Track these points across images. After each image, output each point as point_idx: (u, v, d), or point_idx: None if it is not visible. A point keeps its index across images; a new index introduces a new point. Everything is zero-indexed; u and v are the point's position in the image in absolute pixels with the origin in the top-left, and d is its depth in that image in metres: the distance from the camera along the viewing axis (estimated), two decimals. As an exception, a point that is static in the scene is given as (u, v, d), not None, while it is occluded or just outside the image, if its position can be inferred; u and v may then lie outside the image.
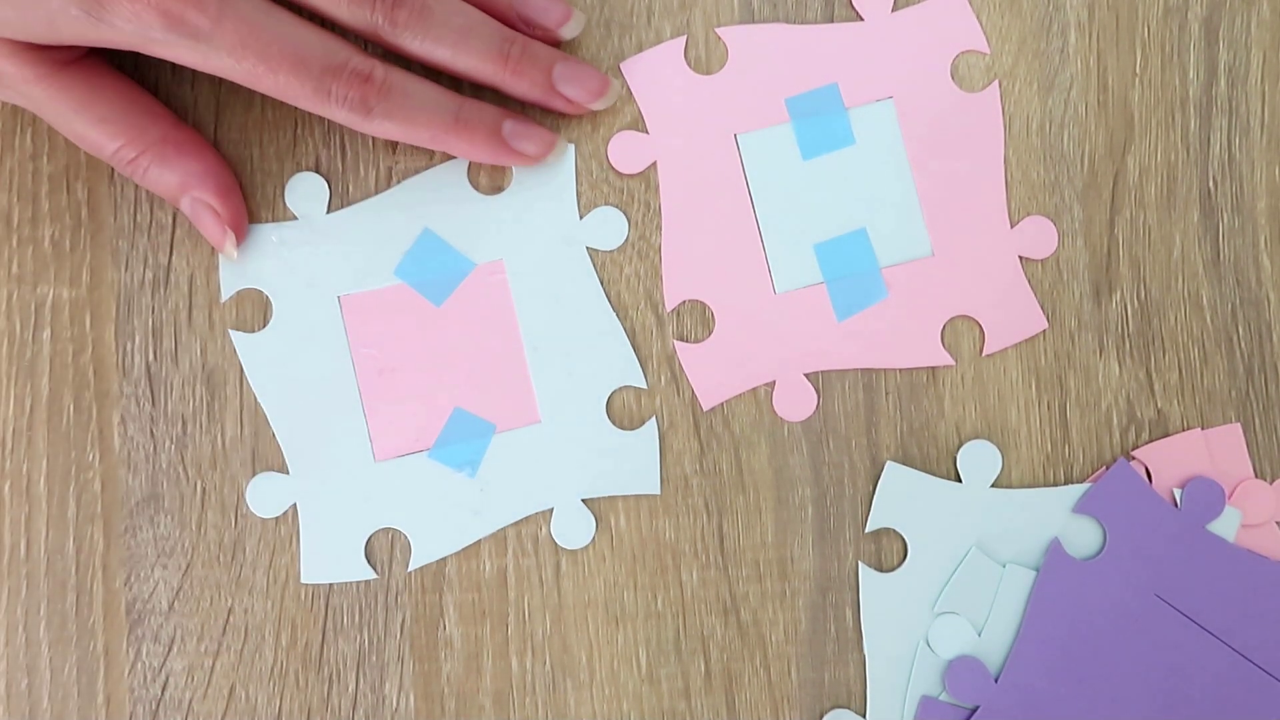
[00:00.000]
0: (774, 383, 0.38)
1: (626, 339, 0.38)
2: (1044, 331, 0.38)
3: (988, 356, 0.38)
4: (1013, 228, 0.38)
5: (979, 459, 0.38)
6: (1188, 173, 0.39)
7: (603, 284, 0.38)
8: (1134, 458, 0.38)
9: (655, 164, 0.38)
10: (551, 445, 0.37)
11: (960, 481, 0.38)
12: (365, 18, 0.34)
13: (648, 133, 0.38)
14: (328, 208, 0.38)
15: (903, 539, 0.37)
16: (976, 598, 0.37)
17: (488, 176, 0.38)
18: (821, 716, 0.37)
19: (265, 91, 0.34)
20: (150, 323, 0.38)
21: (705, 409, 0.38)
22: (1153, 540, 0.37)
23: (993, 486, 0.37)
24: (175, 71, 0.38)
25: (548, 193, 0.38)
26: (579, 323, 0.38)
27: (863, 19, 0.39)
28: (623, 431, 0.38)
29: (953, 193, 0.38)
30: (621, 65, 0.38)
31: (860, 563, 0.38)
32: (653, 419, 0.38)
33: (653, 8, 0.39)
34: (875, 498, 0.38)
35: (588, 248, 0.38)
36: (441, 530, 0.37)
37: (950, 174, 0.38)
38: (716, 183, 0.38)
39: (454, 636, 0.37)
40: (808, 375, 0.38)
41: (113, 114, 0.35)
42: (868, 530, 0.38)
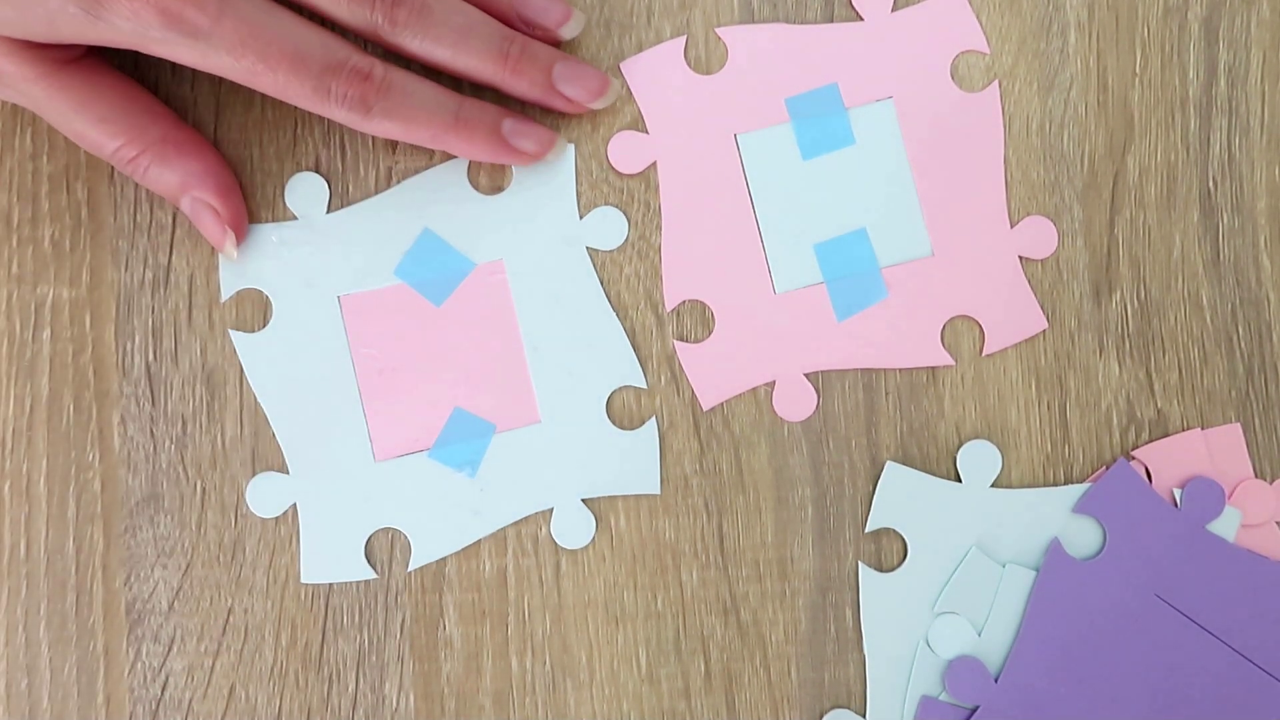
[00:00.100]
0: (774, 383, 0.38)
1: (626, 339, 0.38)
2: (1044, 331, 0.38)
3: (988, 356, 0.38)
4: (1013, 228, 0.38)
5: (979, 459, 0.38)
6: (1188, 173, 0.39)
7: (603, 284, 0.38)
8: (1134, 458, 0.38)
9: (655, 164, 0.38)
10: (551, 445, 0.37)
11: (960, 481, 0.38)
12: (365, 17, 0.34)
13: (648, 133, 0.38)
14: (328, 208, 0.38)
15: (903, 539, 0.37)
16: (976, 598, 0.37)
17: (488, 176, 0.38)
18: (821, 716, 0.37)
19: (265, 90, 0.34)
20: (150, 323, 0.38)
21: (705, 409, 0.38)
22: (1153, 540, 0.37)
23: (993, 486, 0.37)
24: (175, 71, 0.38)
25: (548, 193, 0.38)
26: (579, 323, 0.38)
27: (863, 19, 0.39)
28: (623, 431, 0.38)
29: (953, 193, 0.38)
30: (621, 65, 0.38)
31: (860, 563, 0.38)
32: (653, 419, 0.38)
33: (653, 8, 0.39)
34: (875, 498, 0.38)
35: (588, 248, 0.38)
36: (441, 530, 0.37)
37: (950, 174, 0.38)
38: (716, 183, 0.38)
39: (454, 636, 0.37)
40: (808, 375, 0.38)
41: (113, 113, 0.35)
42: (868, 530, 0.38)
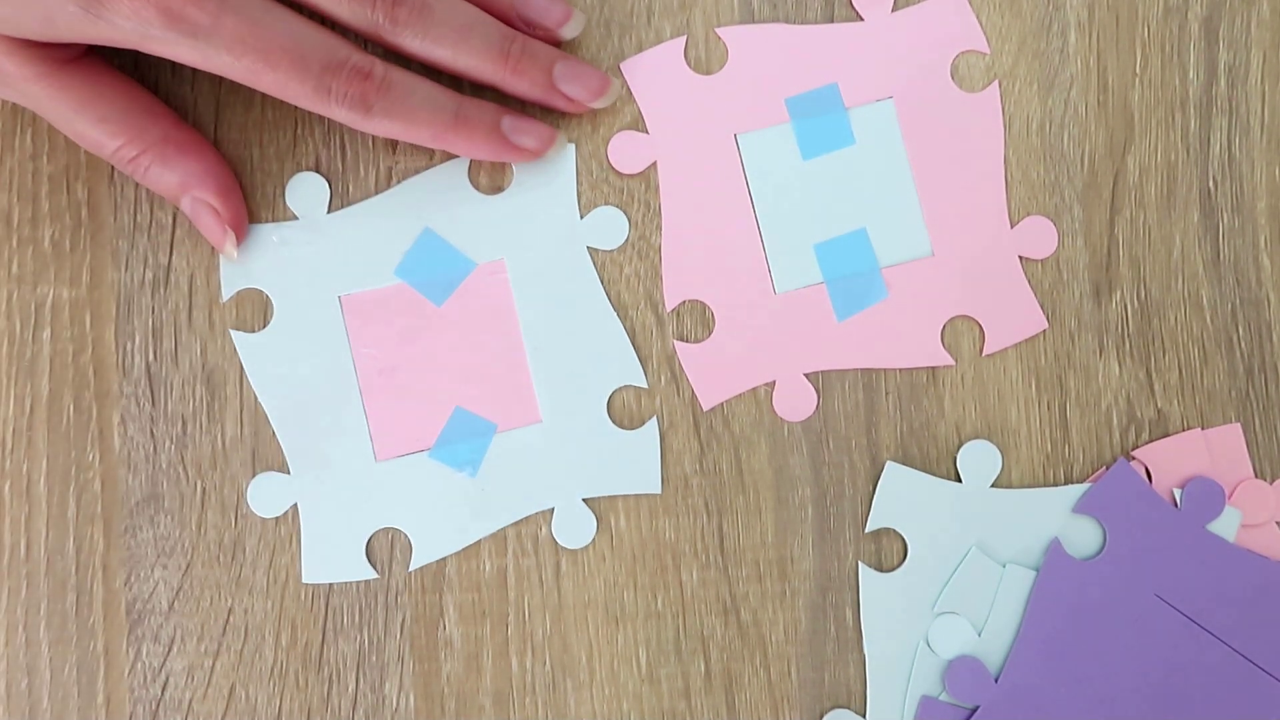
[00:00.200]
0: (774, 383, 0.38)
1: (627, 339, 0.38)
2: (1044, 331, 0.38)
3: (988, 356, 0.38)
4: (1013, 228, 0.38)
5: (979, 459, 0.38)
6: (1188, 173, 0.39)
7: (603, 284, 0.38)
8: (1134, 458, 0.38)
9: (655, 164, 0.38)
10: (552, 445, 0.37)
11: (960, 481, 0.38)
12: (366, 16, 0.34)
13: (648, 133, 0.38)
14: (328, 208, 0.38)
15: (903, 539, 0.37)
16: (976, 598, 0.37)
17: (488, 176, 0.38)
18: (821, 716, 0.37)
19: (265, 90, 0.34)
20: (150, 323, 0.38)
21: (705, 409, 0.38)
22: (1153, 540, 0.37)
23: (993, 486, 0.37)
24: (175, 71, 0.38)
25: (548, 193, 0.38)
26: (580, 322, 0.38)
27: (863, 19, 0.39)
28: (623, 431, 0.38)
29: (953, 193, 0.38)
30: (621, 65, 0.38)
31: (860, 563, 0.38)
32: (653, 419, 0.38)
33: (653, 8, 0.39)
34: (875, 498, 0.38)
35: (588, 247, 0.38)
36: (442, 530, 0.37)
37: (950, 174, 0.38)
38: (716, 183, 0.38)
39: (454, 636, 0.37)
40: (808, 375, 0.38)
41: (113, 113, 0.35)
42: (868, 530, 0.38)
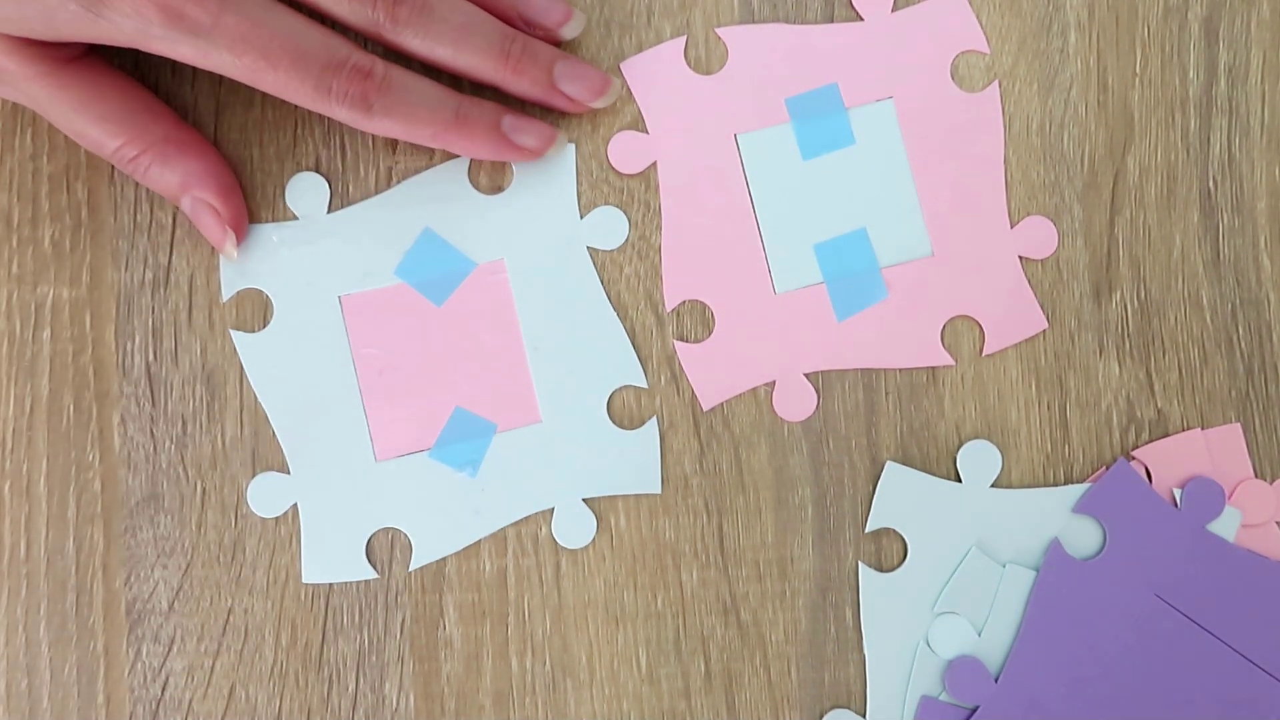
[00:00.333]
0: (774, 383, 0.38)
1: (627, 339, 0.38)
2: (1044, 331, 0.38)
3: (988, 356, 0.38)
4: (1013, 228, 0.38)
5: (979, 459, 0.38)
6: (1188, 173, 0.39)
7: (603, 284, 0.38)
8: (1134, 458, 0.38)
9: (655, 164, 0.38)
10: (552, 445, 0.37)
11: (960, 481, 0.38)
12: (366, 15, 0.34)
13: (648, 133, 0.38)
14: (328, 208, 0.38)
15: (903, 539, 0.37)
16: (976, 598, 0.37)
17: (488, 176, 0.38)
18: (821, 716, 0.37)
19: (265, 89, 0.34)
20: (150, 323, 0.38)
21: (705, 409, 0.38)
22: (1153, 540, 0.37)
23: (993, 486, 0.37)
24: (175, 71, 0.38)
25: (548, 193, 0.38)
26: (580, 322, 0.38)
27: (863, 19, 0.39)
28: (623, 431, 0.38)
29: (953, 193, 0.38)
30: (621, 65, 0.38)
31: (860, 563, 0.37)
32: (653, 419, 0.38)
33: (653, 8, 0.39)
34: (875, 498, 0.38)
35: (588, 247, 0.38)
36: (442, 530, 0.37)
37: (950, 174, 0.38)
38: (716, 183, 0.38)
39: (454, 636, 0.37)
40: (808, 375, 0.38)
41: (114, 112, 0.35)
42: (868, 530, 0.38)
